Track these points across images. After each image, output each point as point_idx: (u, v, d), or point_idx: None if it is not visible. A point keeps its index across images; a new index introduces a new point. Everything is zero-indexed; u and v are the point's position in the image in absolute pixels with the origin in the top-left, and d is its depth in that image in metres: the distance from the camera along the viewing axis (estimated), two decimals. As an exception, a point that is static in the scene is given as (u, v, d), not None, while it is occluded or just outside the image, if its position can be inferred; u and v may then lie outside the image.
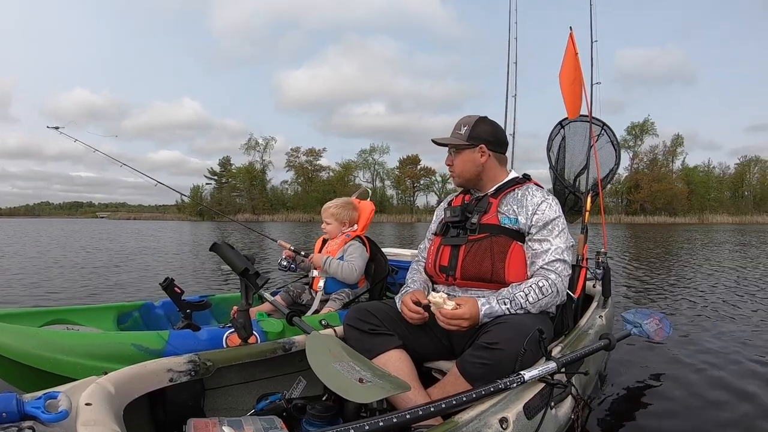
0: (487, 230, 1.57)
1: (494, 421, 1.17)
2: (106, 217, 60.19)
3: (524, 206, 1.58)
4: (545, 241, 1.54)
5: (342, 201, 2.48)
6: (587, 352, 1.59)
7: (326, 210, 2.45)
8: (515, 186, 1.65)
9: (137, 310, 2.21)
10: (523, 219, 1.56)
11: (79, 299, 4.57)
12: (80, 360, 1.48)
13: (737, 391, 2.18)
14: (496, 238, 1.54)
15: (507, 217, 1.58)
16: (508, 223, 1.57)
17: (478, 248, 1.55)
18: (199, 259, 8.75)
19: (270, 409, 1.43)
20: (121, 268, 7.20)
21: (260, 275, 1.43)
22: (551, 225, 1.55)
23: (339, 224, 2.42)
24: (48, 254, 9.35)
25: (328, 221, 2.43)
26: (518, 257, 1.53)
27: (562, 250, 1.54)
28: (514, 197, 1.62)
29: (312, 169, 54.32)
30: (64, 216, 70.56)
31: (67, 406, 0.91)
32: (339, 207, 2.43)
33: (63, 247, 11.41)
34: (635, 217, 44.01)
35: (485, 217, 1.59)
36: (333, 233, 2.43)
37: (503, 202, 1.62)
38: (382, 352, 1.49)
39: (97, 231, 20.93)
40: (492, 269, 1.52)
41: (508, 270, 1.51)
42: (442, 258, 1.63)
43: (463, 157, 1.66)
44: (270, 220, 45.61)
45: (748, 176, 49.97)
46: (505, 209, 1.60)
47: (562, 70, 2.63)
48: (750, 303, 4.39)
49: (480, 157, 1.64)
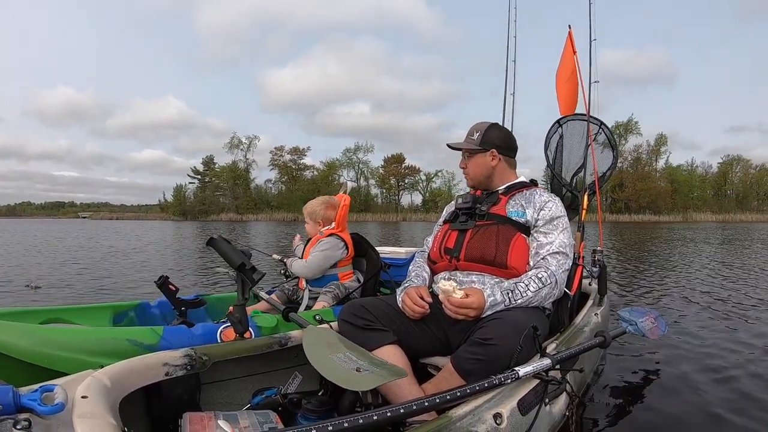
0: (495, 218, 1.67)
1: (488, 416, 1.18)
2: (88, 217, 59.55)
3: (532, 202, 1.68)
4: (550, 234, 1.62)
5: (318, 200, 2.49)
6: (582, 349, 1.60)
7: (304, 209, 2.49)
8: (523, 188, 1.75)
9: (133, 310, 2.22)
10: (530, 212, 1.65)
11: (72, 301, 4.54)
12: (76, 355, 1.48)
13: (733, 388, 2.19)
14: (503, 226, 1.63)
15: (515, 211, 1.67)
16: (515, 216, 1.66)
17: (484, 232, 1.64)
18: (190, 258, 8.72)
19: (266, 403, 1.43)
20: (109, 270, 7.14)
21: (257, 270, 1.44)
22: (556, 221, 1.64)
23: (315, 223, 2.44)
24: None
25: (306, 220, 2.48)
26: (521, 246, 1.60)
27: (566, 245, 1.62)
28: (523, 196, 1.72)
29: (296, 168, 54.28)
30: (45, 216, 69.62)
31: (64, 398, 0.91)
32: (313, 206, 2.45)
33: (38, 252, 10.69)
34: (620, 216, 44.46)
35: (494, 208, 1.70)
36: (311, 233, 2.45)
37: (512, 199, 1.72)
38: (376, 347, 1.50)
39: (75, 233, 19.04)
40: (496, 252, 1.58)
41: (511, 255, 1.58)
42: (449, 241, 1.71)
43: (475, 161, 1.77)
44: (254, 220, 45.33)
45: (730, 175, 50.66)
46: (513, 205, 1.70)
47: (559, 67, 2.63)
48: (746, 299, 4.42)
49: (491, 161, 1.75)
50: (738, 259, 8.39)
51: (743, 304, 4.29)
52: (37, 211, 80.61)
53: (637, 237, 16.24)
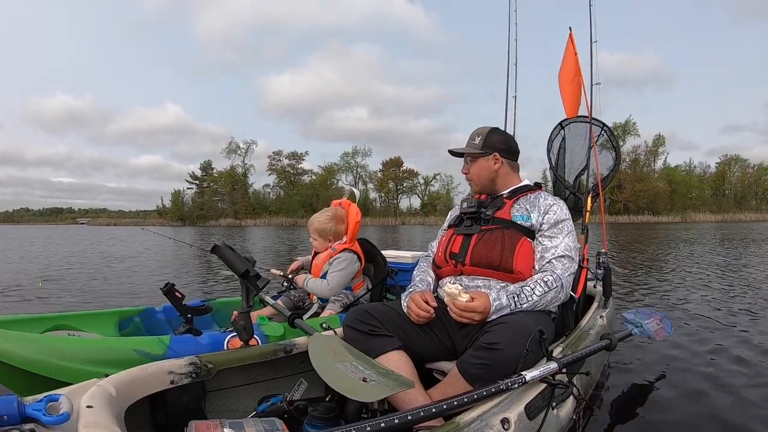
0: (500, 223, 1.66)
1: (496, 421, 1.17)
2: (86, 223, 59.53)
3: (537, 206, 1.67)
4: (555, 238, 1.61)
5: (326, 216, 2.36)
6: (588, 352, 1.59)
7: (311, 225, 2.37)
8: (528, 192, 1.74)
9: (138, 315, 2.21)
10: (535, 216, 1.65)
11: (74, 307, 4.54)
12: (82, 366, 1.48)
13: (739, 390, 2.17)
14: (508, 231, 1.62)
15: (520, 214, 1.67)
16: (520, 220, 1.65)
17: (489, 236, 1.63)
18: (191, 263, 8.74)
19: (271, 411, 1.42)
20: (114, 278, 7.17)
21: (261, 277, 1.44)
22: (561, 225, 1.63)
23: (324, 240, 2.35)
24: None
25: (313, 237, 2.37)
26: (527, 251, 1.59)
27: (571, 248, 1.61)
28: (527, 199, 1.71)
29: (294, 172, 54.14)
30: (43, 222, 69.76)
31: (69, 408, 0.91)
32: (323, 223, 2.33)
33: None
34: (619, 217, 44.48)
35: (499, 212, 1.69)
36: (320, 248, 2.38)
37: (516, 203, 1.71)
38: (381, 353, 1.50)
39: (74, 239, 19.18)
40: (501, 256, 1.57)
41: (517, 259, 1.57)
42: (454, 245, 1.70)
43: (478, 165, 1.76)
44: (253, 225, 45.15)
45: (729, 175, 50.67)
46: (517, 208, 1.69)
47: (561, 70, 2.63)
48: (751, 300, 4.38)
49: (494, 164, 1.74)
50: (741, 259, 8.35)
51: (749, 303, 4.26)
52: (35, 217, 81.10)
53: (637, 238, 16.17)
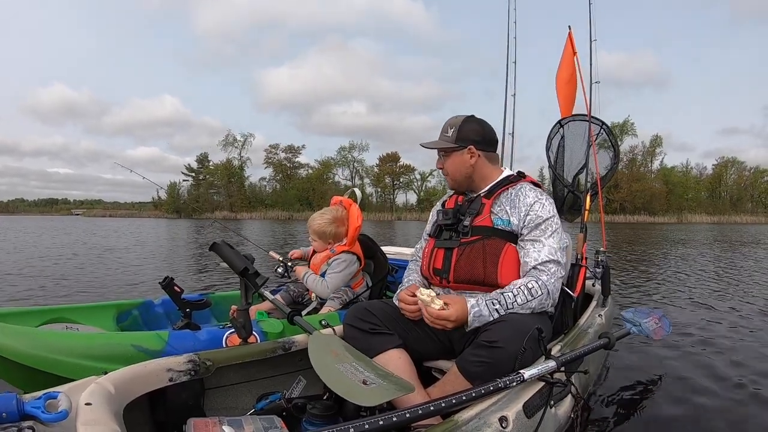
0: (480, 232, 1.55)
1: (494, 419, 1.17)
2: (81, 215, 58.95)
3: (516, 207, 1.56)
4: (537, 242, 1.51)
5: (326, 220, 2.31)
6: (587, 350, 1.59)
7: (310, 226, 2.34)
8: (508, 185, 1.62)
9: (137, 308, 2.21)
10: (515, 220, 1.54)
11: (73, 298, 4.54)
12: (79, 360, 1.47)
13: (738, 388, 2.18)
14: (489, 241, 1.53)
15: (500, 218, 1.56)
16: (500, 225, 1.55)
17: (470, 251, 1.54)
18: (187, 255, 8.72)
19: (270, 408, 1.43)
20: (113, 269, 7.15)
21: (260, 275, 1.43)
22: (544, 225, 1.53)
23: (324, 242, 2.33)
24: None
25: (313, 238, 2.35)
26: (512, 259, 1.51)
27: (555, 250, 1.51)
28: (507, 197, 1.60)
29: (291, 166, 53.60)
30: (38, 213, 69.39)
31: (67, 406, 0.91)
32: (322, 226, 2.30)
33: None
34: (615, 216, 44.51)
35: (478, 219, 1.58)
36: (319, 248, 2.37)
37: (496, 202, 1.60)
38: (381, 351, 1.50)
39: (68, 230, 19.17)
40: (484, 272, 1.50)
41: (501, 272, 1.49)
42: (436, 261, 1.62)
43: (452, 160, 1.64)
44: (248, 218, 44.95)
45: (725, 177, 50.83)
46: (497, 210, 1.58)
47: (559, 68, 2.63)
48: (750, 300, 4.40)
49: (470, 159, 1.62)
50: (737, 260, 8.37)
51: (747, 302, 4.28)
52: (30, 207, 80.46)
53: (634, 238, 16.21)
